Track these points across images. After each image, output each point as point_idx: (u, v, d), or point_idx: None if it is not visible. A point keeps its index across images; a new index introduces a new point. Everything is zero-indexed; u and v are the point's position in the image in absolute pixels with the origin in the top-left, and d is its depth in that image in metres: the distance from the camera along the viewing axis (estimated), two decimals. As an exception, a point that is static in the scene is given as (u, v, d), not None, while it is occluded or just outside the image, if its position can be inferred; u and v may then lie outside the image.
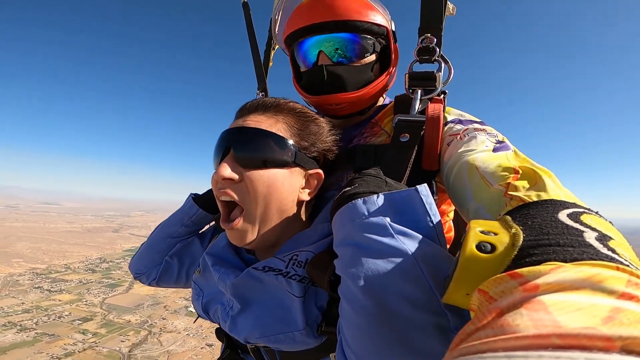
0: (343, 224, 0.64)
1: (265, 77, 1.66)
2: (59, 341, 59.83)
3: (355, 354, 0.55)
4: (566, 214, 0.46)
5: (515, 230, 0.45)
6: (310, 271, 0.76)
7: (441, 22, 1.03)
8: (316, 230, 0.86)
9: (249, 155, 0.81)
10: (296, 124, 0.88)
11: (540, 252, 0.39)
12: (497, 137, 0.88)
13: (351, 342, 0.56)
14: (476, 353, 0.26)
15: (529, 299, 0.29)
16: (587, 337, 0.22)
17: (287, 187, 0.83)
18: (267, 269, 0.81)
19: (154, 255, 1.23)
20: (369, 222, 0.60)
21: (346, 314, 0.58)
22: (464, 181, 0.79)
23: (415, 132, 0.93)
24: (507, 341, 0.25)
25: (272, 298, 0.82)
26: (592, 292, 0.28)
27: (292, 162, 0.83)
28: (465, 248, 0.45)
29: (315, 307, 0.79)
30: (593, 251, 0.37)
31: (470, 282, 0.43)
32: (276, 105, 0.89)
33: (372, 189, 0.67)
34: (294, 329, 0.77)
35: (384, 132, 1.12)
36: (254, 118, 0.85)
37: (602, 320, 0.24)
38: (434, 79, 1.04)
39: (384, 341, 0.52)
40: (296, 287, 0.78)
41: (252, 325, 0.82)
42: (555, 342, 0.23)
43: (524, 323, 0.26)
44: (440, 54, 1.05)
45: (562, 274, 0.30)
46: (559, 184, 0.62)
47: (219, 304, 0.95)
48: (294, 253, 0.81)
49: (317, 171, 0.89)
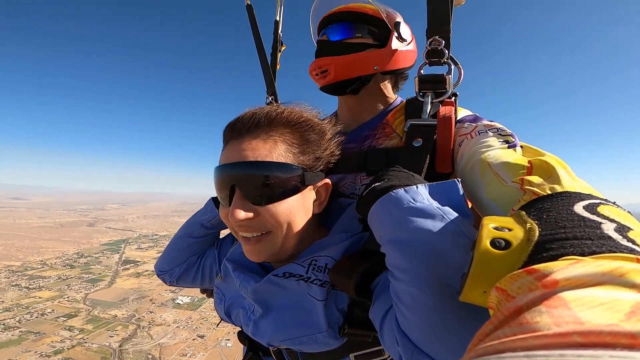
0: (389, 213, 0.64)
1: (274, 80, 1.65)
2: (45, 339, 58.65)
3: (421, 330, 0.57)
4: (582, 206, 0.45)
5: (530, 225, 0.45)
6: (333, 277, 0.78)
7: (449, 23, 1.03)
8: (334, 239, 0.86)
9: (258, 193, 0.78)
10: (295, 139, 0.84)
11: (557, 247, 0.38)
12: (507, 133, 0.89)
13: (416, 321, 0.58)
14: (495, 353, 0.25)
15: (549, 295, 0.28)
16: (610, 334, 0.22)
17: (302, 210, 0.84)
18: (287, 275, 0.83)
19: (175, 253, 1.24)
20: (418, 207, 0.61)
21: (412, 297, 0.58)
22: (477, 178, 0.81)
23: (428, 137, 0.94)
24: (526, 340, 0.24)
25: (294, 302, 0.84)
26: (613, 286, 0.27)
27: (302, 186, 0.82)
28: (479, 245, 0.44)
29: (337, 309, 0.81)
30: (612, 243, 0.36)
31: (486, 280, 0.42)
32: (269, 121, 0.83)
33: (405, 182, 0.69)
34: (317, 331, 0.79)
35: (396, 135, 1.12)
36: (249, 145, 0.79)
37: (626, 315, 0.23)
38: (444, 82, 1.04)
39: (449, 313, 0.54)
40: (318, 291, 0.80)
41: (274, 329, 0.84)
42: (576, 340, 0.22)
43: (544, 321, 0.25)
44: (450, 55, 1.05)
45: (581, 269, 0.29)
46: (573, 174, 0.61)
47: (240, 308, 0.97)
48: (312, 258, 0.83)
49: (325, 182, 0.89)
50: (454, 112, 0.98)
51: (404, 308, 0.60)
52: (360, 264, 0.75)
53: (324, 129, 0.91)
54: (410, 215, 0.61)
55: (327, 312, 0.80)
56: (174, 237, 1.28)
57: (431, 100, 1.03)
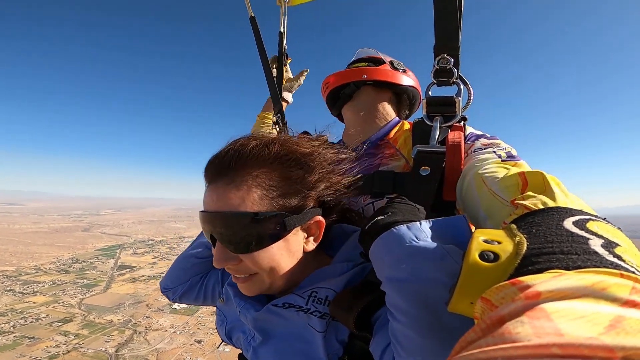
0: (390, 250, 0.63)
1: (280, 97, 1.59)
2: (40, 344, 57.93)
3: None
4: (572, 222, 0.46)
5: (519, 238, 0.45)
6: (334, 310, 0.75)
7: (458, 39, 0.99)
8: (335, 268, 0.84)
9: (236, 243, 0.76)
10: (273, 181, 0.77)
11: (543, 260, 0.39)
12: (505, 149, 0.88)
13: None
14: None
15: (531, 306, 0.28)
16: (588, 347, 0.22)
17: (287, 254, 0.80)
18: (287, 306, 0.81)
19: (179, 272, 1.24)
20: (420, 246, 0.59)
21: (410, 341, 0.57)
22: (474, 194, 0.80)
23: (436, 165, 0.92)
24: (506, 350, 0.24)
25: (293, 332, 0.82)
26: (594, 299, 0.27)
27: (284, 232, 0.77)
28: (468, 257, 0.45)
29: (336, 341, 0.79)
30: (597, 258, 0.37)
31: (474, 291, 0.43)
32: (243, 163, 0.76)
33: (409, 217, 0.67)
34: None
35: (402, 157, 1.10)
36: (223, 193, 0.75)
37: (605, 328, 0.24)
38: (454, 104, 1.00)
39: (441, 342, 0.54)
40: (317, 323, 0.78)
41: (273, 357, 0.83)
42: (555, 352, 0.22)
43: (525, 331, 0.25)
44: (459, 74, 1.00)
45: (564, 282, 0.30)
46: (566, 191, 0.61)
47: (241, 332, 0.96)
48: (312, 289, 0.80)
49: (316, 220, 0.82)
50: (462, 138, 0.95)
51: (401, 351, 0.59)
52: (361, 298, 0.73)
53: (313, 161, 0.82)
54: (411, 254, 0.59)
55: (326, 343, 0.78)
56: (180, 255, 1.28)
57: (440, 124, 0.99)
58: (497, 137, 0.96)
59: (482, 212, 0.76)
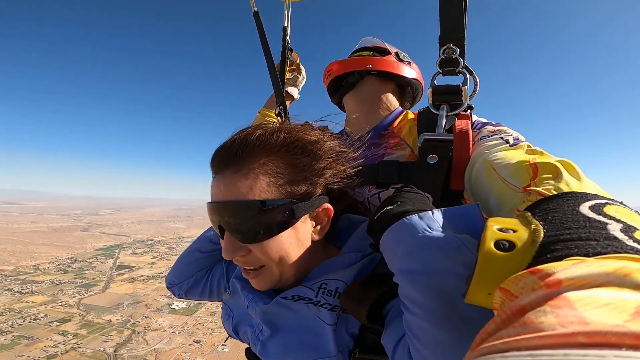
0: (403, 241, 0.61)
1: (283, 90, 1.60)
2: (38, 343, 57.78)
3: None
4: (588, 206, 0.45)
5: (535, 226, 0.44)
6: (345, 303, 0.75)
7: (464, 29, 0.99)
8: (344, 259, 0.83)
9: (245, 232, 0.75)
10: (280, 168, 0.76)
11: (561, 248, 0.38)
12: (512, 135, 0.87)
13: (431, 358, 0.55)
14: (498, 352, 0.25)
15: (553, 295, 0.28)
16: (615, 334, 0.21)
17: (297, 243, 0.79)
18: (296, 298, 0.80)
19: (184, 267, 1.24)
20: (434, 236, 0.58)
21: (427, 334, 0.56)
22: (484, 181, 0.79)
23: (444, 153, 0.91)
24: (530, 340, 0.24)
25: (303, 325, 0.81)
26: (618, 286, 0.27)
27: (293, 219, 0.76)
28: (483, 247, 0.44)
29: (347, 333, 0.78)
30: (618, 244, 0.36)
31: (491, 282, 0.42)
32: (249, 151, 0.76)
33: (419, 206, 0.66)
34: (325, 355, 0.77)
35: (407, 146, 1.10)
36: (230, 182, 0.75)
37: (631, 315, 0.23)
38: (460, 93, 1.00)
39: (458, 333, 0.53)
40: (327, 315, 0.77)
41: (282, 350, 0.82)
42: (581, 340, 0.22)
43: (549, 321, 0.25)
44: (465, 64, 1.01)
45: (585, 269, 0.29)
46: (580, 174, 0.60)
47: (248, 326, 0.95)
48: (322, 281, 0.79)
49: (324, 207, 0.82)
50: (470, 126, 0.94)
51: (417, 343, 0.57)
52: (372, 290, 0.72)
53: (319, 148, 0.82)
54: (424, 244, 0.58)
55: (336, 336, 0.77)
56: (184, 251, 1.27)
57: (446, 113, 0.98)
58: (502, 124, 0.96)
59: (493, 199, 0.75)
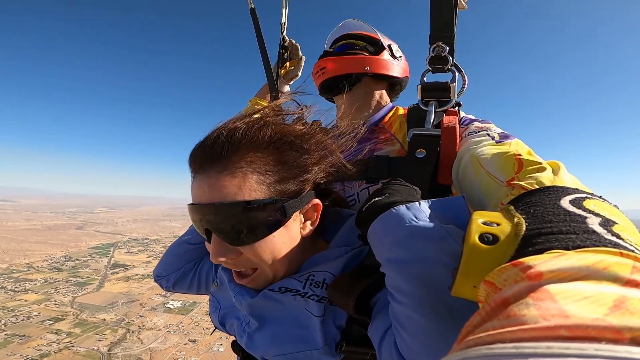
0: (390, 231, 0.62)
1: (277, 84, 1.62)
2: (31, 342, 57.25)
3: (422, 357, 0.56)
4: (568, 200, 0.46)
5: (517, 219, 0.45)
6: (332, 294, 0.74)
7: (453, 28, 1.00)
8: (333, 253, 0.83)
9: (234, 235, 0.71)
10: (268, 165, 0.73)
11: (542, 241, 0.39)
12: (498, 131, 0.89)
13: (417, 347, 0.56)
14: (484, 344, 0.25)
15: (534, 287, 0.28)
16: (595, 328, 0.22)
17: (288, 241, 0.77)
18: (283, 290, 0.79)
19: (172, 259, 1.22)
20: (420, 226, 0.59)
21: (413, 323, 0.57)
22: (471, 176, 0.81)
23: (431, 148, 0.93)
24: (515, 333, 0.24)
25: (290, 317, 0.81)
26: (596, 279, 0.28)
27: (284, 218, 0.74)
28: (468, 240, 0.45)
29: (334, 325, 0.78)
30: (596, 237, 0.37)
31: (476, 275, 0.43)
32: (235, 149, 0.71)
33: (406, 198, 0.67)
34: (313, 347, 0.76)
35: (396, 141, 1.11)
36: (216, 183, 0.70)
37: (609, 309, 0.24)
38: (448, 90, 1.02)
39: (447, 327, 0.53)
40: (315, 307, 0.77)
41: (269, 343, 0.81)
42: (563, 334, 0.23)
43: (531, 313, 0.25)
44: (454, 62, 1.02)
45: (565, 262, 0.30)
46: (564, 169, 0.62)
47: (234, 319, 0.94)
48: (310, 273, 0.79)
49: (314, 203, 0.81)
50: (457, 122, 0.96)
51: (404, 332, 0.58)
52: (359, 281, 0.72)
53: (308, 143, 0.79)
54: (411, 234, 0.59)
55: (324, 328, 0.77)
56: (173, 242, 1.26)
57: (435, 109, 1.01)
58: (489, 121, 0.98)
59: (480, 193, 0.77)
